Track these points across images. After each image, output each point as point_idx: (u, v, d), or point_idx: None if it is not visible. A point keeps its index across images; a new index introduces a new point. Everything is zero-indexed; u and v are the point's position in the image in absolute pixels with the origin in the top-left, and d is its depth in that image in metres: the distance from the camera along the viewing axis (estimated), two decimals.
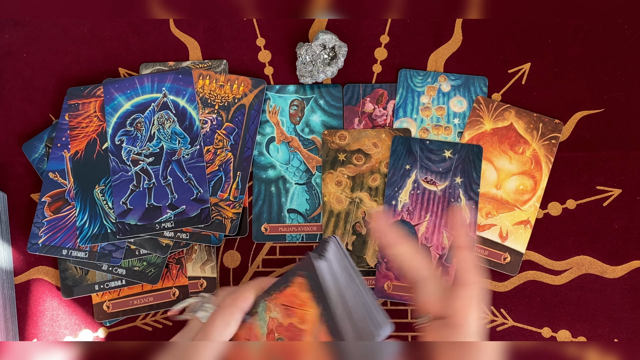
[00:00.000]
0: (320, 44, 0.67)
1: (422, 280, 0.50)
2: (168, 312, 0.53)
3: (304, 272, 0.51)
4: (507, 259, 0.66)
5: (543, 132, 0.68)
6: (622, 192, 0.68)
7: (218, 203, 0.66)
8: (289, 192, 0.68)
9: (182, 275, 0.67)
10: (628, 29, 0.70)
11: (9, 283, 0.66)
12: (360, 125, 0.69)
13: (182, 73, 0.69)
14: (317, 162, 0.68)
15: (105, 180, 0.66)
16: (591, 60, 0.70)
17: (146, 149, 0.67)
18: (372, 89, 0.69)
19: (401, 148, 0.68)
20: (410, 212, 0.67)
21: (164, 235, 0.65)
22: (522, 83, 0.69)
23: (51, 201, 0.66)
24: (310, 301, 0.51)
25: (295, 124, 0.69)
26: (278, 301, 0.52)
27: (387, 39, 0.70)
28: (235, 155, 0.67)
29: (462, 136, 0.68)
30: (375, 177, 0.68)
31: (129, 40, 0.70)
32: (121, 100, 0.68)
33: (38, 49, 0.70)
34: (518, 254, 0.66)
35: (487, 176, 0.68)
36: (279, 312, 0.50)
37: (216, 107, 0.68)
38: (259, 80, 0.69)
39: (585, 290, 0.67)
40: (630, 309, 0.66)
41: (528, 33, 0.70)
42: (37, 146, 0.68)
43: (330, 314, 0.50)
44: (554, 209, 0.68)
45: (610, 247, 0.67)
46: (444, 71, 0.70)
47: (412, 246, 0.51)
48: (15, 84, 0.70)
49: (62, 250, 0.65)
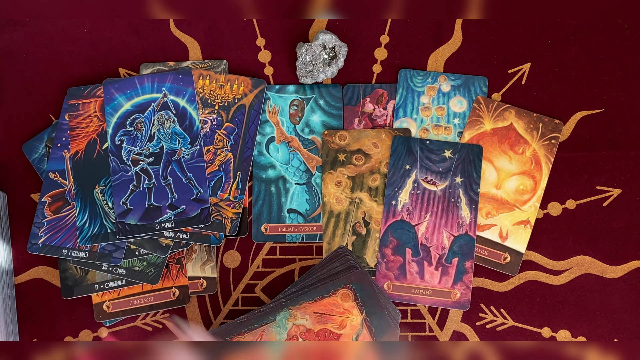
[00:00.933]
0: (320, 44, 0.67)
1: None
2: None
3: (351, 285, 0.62)
4: (507, 259, 0.66)
5: (543, 132, 0.68)
6: (622, 192, 0.68)
7: (218, 203, 0.66)
8: (289, 192, 0.68)
9: (182, 275, 0.67)
10: (628, 29, 0.70)
11: (9, 283, 0.66)
12: (360, 126, 0.69)
13: (182, 73, 0.69)
14: (317, 162, 0.68)
15: (105, 180, 0.66)
16: (591, 60, 0.70)
17: (146, 149, 0.67)
18: (372, 89, 0.69)
19: (401, 148, 0.68)
20: (410, 212, 0.67)
21: (164, 235, 0.65)
22: (522, 83, 0.69)
23: (51, 201, 0.66)
24: (354, 309, 0.61)
25: (295, 124, 0.69)
26: (309, 310, 0.61)
27: (387, 39, 0.70)
28: (235, 155, 0.67)
29: (462, 136, 0.68)
30: (375, 177, 0.68)
31: (129, 40, 0.70)
32: (121, 100, 0.68)
33: (38, 49, 0.70)
34: (518, 254, 0.66)
35: (487, 176, 0.68)
36: (309, 319, 0.59)
37: (216, 107, 0.68)
38: (259, 80, 0.69)
39: (585, 290, 0.67)
40: (630, 309, 0.66)
41: (528, 33, 0.70)
42: (37, 146, 0.68)
43: (377, 318, 0.60)
44: (554, 209, 0.68)
45: (610, 247, 0.67)
46: (444, 71, 0.70)
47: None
48: (15, 84, 0.70)
49: (62, 250, 0.65)
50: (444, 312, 0.66)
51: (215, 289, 0.67)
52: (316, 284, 0.63)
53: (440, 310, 0.66)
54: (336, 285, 0.62)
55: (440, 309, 0.66)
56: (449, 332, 0.66)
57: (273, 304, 0.63)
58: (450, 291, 0.65)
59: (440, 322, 0.66)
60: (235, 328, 0.62)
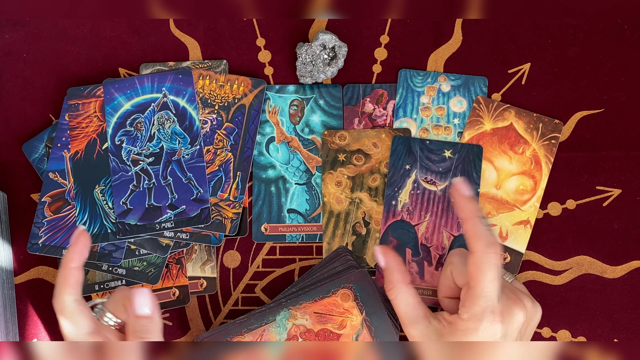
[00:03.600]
0: (320, 44, 0.67)
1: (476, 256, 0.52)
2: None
3: (351, 285, 0.61)
4: (507, 259, 0.67)
5: (543, 132, 0.68)
6: (622, 192, 0.68)
7: (218, 203, 0.66)
8: (289, 192, 0.68)
9: (182, 275, 0.67)
10: (628, 29, 0.70)
11: (9, 283, 0.66)
12: (360, 126, 0.69)
13: (182, 73, 0.69)
14: (317, 162, 0.68)
15: (105, 180, 0.66)
16: (591, 60, 0.70)
17: (146, 149, 0.67)
18: (372, 89, 0.69)
19: (401, 148, 0.68)
20: (410, 212, 0.67)
21: (164, 235, 0.65)
22: (522, 83, 0.70)
23: (51, 201, 0.66)
24: (354, 309, 0.61)
25: (295, 124, 0.69)
26: (309, 310, 0.61)
27: (387, 39, 0.70)
28: (235, 155, 0.67)
29: (462, 136, 0.68)
30: (375, 177, 0.68)
31: (129, 40, 0.70)
32: (121, 101, 0.68)
33: (38, 49, 0.70)
34: (518, 254, 0.67)
35: (487, 176, 0.68)
36: (309, 319, 0.59)
37: (216, 107, 0.68)
38: (259, 80, 0.69)
39: (585, 290, 0.67)
40: (630, 309, 0.66)
41: (528, 33, 0.70)
42: (37, 146, 0.68)
43: (377, 318, 0.60)
44: (554, 209, 0.68)
45: (610, 247, 0.67)
46: (444, 71, 0.70)
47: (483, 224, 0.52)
48: (15, 84, 0.70)
49: (62, 250, 0.65)
50: None
51: (215, 289, 0.67)
52: (316, 284, 0.64)
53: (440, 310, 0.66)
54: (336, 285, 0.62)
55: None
56: None
57: (273, 304, 0.63)
58: None
59: None
60: (235, 328, 0.62)
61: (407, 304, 0.55)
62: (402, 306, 0.55)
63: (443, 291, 0.57)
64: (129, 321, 0.53)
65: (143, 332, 0.52)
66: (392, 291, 0.55)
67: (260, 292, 0.67)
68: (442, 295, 0.57)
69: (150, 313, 0.53)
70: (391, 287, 0.55)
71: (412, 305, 0.55)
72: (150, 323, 0.53)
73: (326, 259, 0.65)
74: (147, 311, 0.53)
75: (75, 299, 0.52)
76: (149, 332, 0.52)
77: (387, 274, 0.56)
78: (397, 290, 0.55)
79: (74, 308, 0.52)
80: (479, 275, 0.51)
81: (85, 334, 0.51)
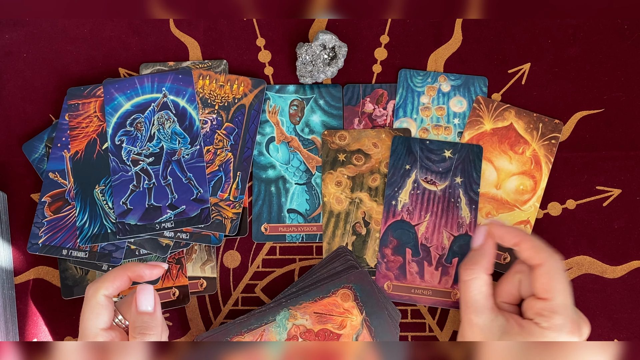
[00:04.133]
0: (320, 44, 0.67)
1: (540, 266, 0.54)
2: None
3: (351, 285, 0.61)
4: (507, 259, 0.66)
5: (543, 132, 0.68)
6: (622, 192, 0.68)
7: (218, 203, 0.66)
8: (289, 192, 0.68)
9: (182, 275, 0.67)
10: (628, 29, 0.70)
11: (9, 283, 0.66)
12: (360, 126, 0.69)
13: (182, 73, 0.69)
14: (317, 162, 0.68)
15: (105, 180, 0.66)
16: (591, 60, 0.70)
17: (146, 149, 0.67)
18: (372, 89, 0.69)
19: (401, 148, 0.68)
20: (410, 212, 0.67)
21: (164, 235, 0.65)
22: (522, 83, 0.70)
23: (51, 201, 0.66)
24: (354, 309, 0.61)
25: (295, 124, 0.69)
26: (309, 310, 0.61)
27: (387, 39, 0.70)
28: (235, 155, 0.67)
29: (462, 136, 0.68)
30: (375, 177, 0.68)
31: (129, 40, 0.70)
32: (121, 101, 0.68)
33: (38, 49, 0.70)
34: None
35: (487, 176, 0.68)
36: (309, 319, 0.59)
37: (216, 107, 0.68)
38: (259, 80, 0.69)
39: (585, 290, 0.67)
40: (630, 309, 0.66)
41: (528, 33, 0.70)
42: (37, 146, 0.68)
43: (377, 318, 0.61)
44: (554, 209, 0.68)
45: (610, 247, 0.67)
46: (444, 71, 0.70)
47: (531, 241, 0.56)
48: (15, 84, 0.70)
49: (62, 250, 0.65)
50: (444, 312, 0.66)
51: (215, 289, 0.67)
52: (316, 284, 0.64)
53: (440, 310, 0.66)
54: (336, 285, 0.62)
55: (440, 309, 0.66)
56: (449, 332, 0.66)
57: (273, 304, 0.63)
58: (450, 291, 0.65)
59: (440, 322, 0.66)
60: (235, 328, 0.62)
61: (481, 292, 0.55)
62: (475, 291, 0.55)
63: (504, 297, 0.58)
64: (131, 317, 0.54)
65: (144, 329, 0.52)
66: (470, 272, 0.56)
67: (260, 292, 0.67)
68: (502, 300, 0.59)
69: (152, 310, 0.53)
70: (471, 267, 0.56)
71: (484, 294, 0.55)
72: (151, 320, 0.53)
73: (326, 259, 0.65)
74: (149, 308, 0.53)
75: (107, 295, 0.54)
76: (150, 328, 0.53)
77: (476, 255, 0.57)
78: (475, 274, 0.55)
79: (103, 301, 0.53)
80: (556, 285, 0.52)
81: (100, 328, 0.52)
